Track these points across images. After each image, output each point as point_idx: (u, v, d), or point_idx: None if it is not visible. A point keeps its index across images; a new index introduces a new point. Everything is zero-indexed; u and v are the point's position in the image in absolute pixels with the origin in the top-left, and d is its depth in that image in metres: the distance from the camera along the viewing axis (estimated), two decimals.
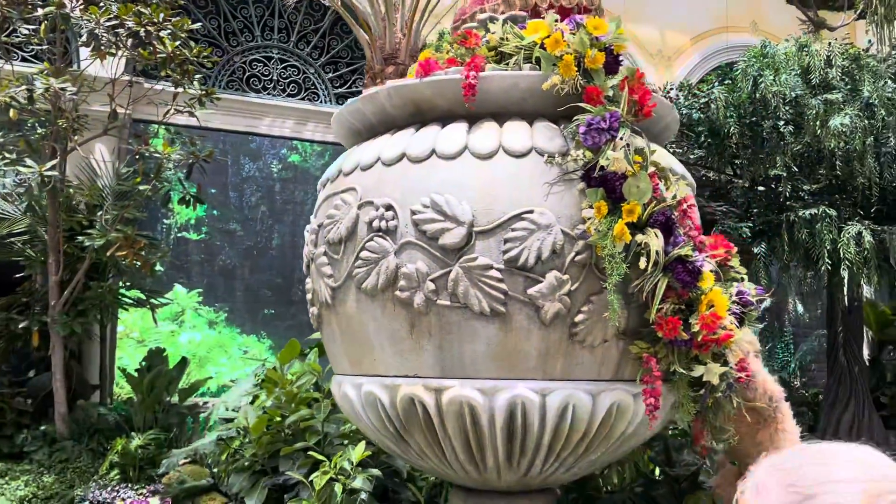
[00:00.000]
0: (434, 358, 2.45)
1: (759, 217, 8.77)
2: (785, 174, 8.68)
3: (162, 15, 6.64)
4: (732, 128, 8.59)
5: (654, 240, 2.27)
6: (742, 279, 2.76)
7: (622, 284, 2.40)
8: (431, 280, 2.40)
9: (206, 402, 7.62)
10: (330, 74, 9.79)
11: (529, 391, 2.39)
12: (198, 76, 7.28)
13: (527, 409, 2.40)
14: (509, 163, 2.43)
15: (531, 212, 2.36)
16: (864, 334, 13.53)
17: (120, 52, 6.83)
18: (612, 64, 2.45)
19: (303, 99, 9.59)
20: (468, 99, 2.47)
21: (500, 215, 2.38)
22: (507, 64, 2.58)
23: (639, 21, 12.10)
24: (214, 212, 8.70)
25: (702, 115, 8.77)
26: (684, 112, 9.17)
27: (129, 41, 6.74)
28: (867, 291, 12.98)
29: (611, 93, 2.41)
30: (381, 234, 2.47)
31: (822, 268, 8.57)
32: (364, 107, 2.76)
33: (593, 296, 2.38)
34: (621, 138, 2.30)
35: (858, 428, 9.98)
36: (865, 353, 12.91)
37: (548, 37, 2.47)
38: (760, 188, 9.35)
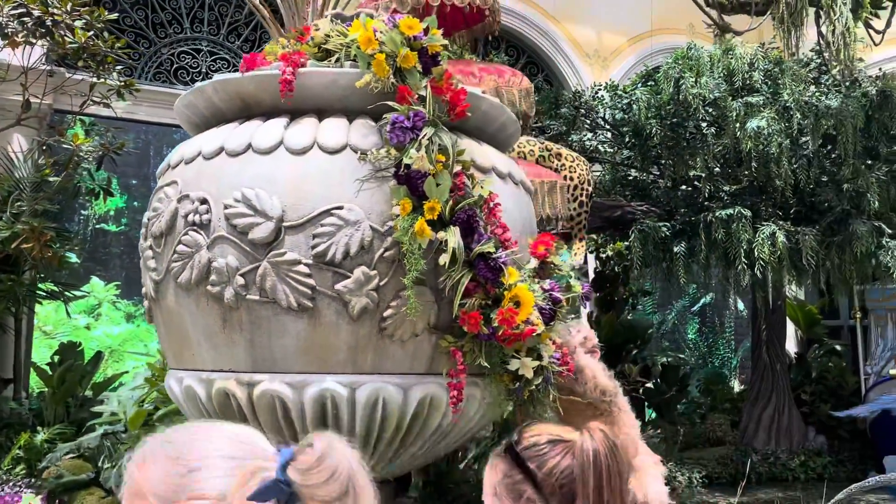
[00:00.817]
0: (246, 352, 2.47)
1: (681, 217, 8.94)
2: (704, 175, 8.87)
3: (70, 4, 6.53)
4: (654, 129, 8.74)
5: (454, 237, 2.32)
6: (569, 276, 2.82)
7: (433, 280, 2.45)
8: (241, 275, 2.42)
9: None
10: None
11: (338, 385, 2.42)
12: (119, 67, 7.19)
13: (336, 402, 2.43)
14: (323, 159, 2.46)
15: (340, 208, 2.39)
16: (791, 333, 13.86)
17: (34, 41, 6.71)
18: (429, 64, 2.49)
19: None
20: (284, 94, 2.49)
21: (310, 211, 2.41)
22: (331, 61, 2.61)
23: (576, 21, 12.22)
24: (135, 203, 8.60)
25: (624, 116, 8.91)
26: (608, 113, 9.31)
27: (38, 30, 6.63)
28: (797, 291, 13.31)
29: (424, 92, 2.45)
30: (195, 228, 2.49)
31: (739, 267, 8.78)
32: (196, 100, 2.77)
33: (403, 291, 2.42)
34: (426, 137, 2.35)
35: (778, 423, 10.24)
36: (794, 350, 13.24)
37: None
38: (689, 188, 9.54)
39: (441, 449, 2.79)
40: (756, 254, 8.35)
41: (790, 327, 13.61)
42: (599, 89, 9.58)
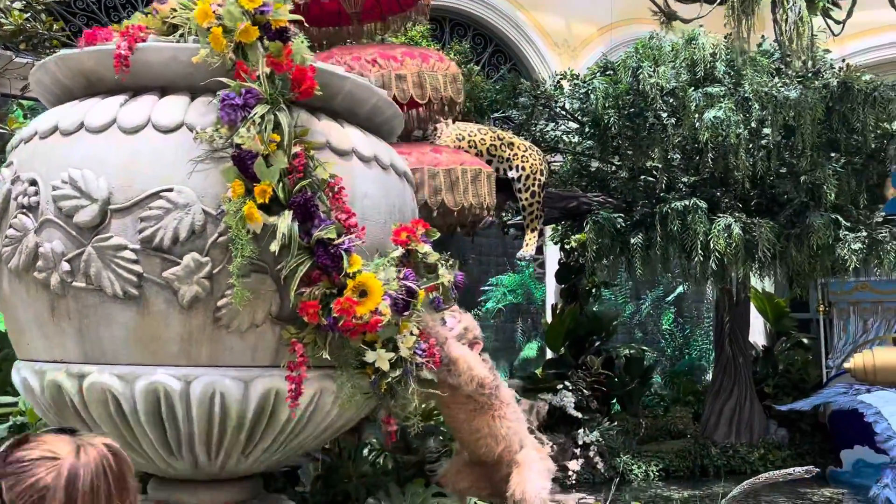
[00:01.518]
0: (75, 343, 2.34)
1: (639, 209, 8.81)
2: (661, 165, 8.75)
3: None
4: (612, 119, 8.61)
5: (286, 222, 2.19)
6: (437, 265, 2.70)
7: (275, 267, 2.32)
8: (67, 260, 2.29)
9: None
10: None
11: (170, 377, 2.29)
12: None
13: (169, 396, 2.31)
14: (157, 138, 2.33)
15: (170, 190, 2.26)
16: (760, 326, 13.79)
17: None
18: (275, 39, 2.36)
19: None
20: (119, 70, 2.35)
21: (139, 193, 2.28)
22: (176, 36, 2.47)
23: (545, 10, 12.05)
24: None
25: (582, 106, 8.78)
26: (568, 103, 9.18)
27: None
28: (766, 284, 13.22)
29: (268, 70, 2.32)
30: (24, 210, 2.36)
31: (696, 259, 8.68)
32: (43, 77, 2.63)
33: (241, 279, 2.29)
34: (258, 116, 2.21)
35: (739, 416, 10.16)
36: (762, 342, 13.17)
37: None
38: (648, 179, 9.42)
39: (304, 444, 2.66)
40: (712, 245, 8.25)
41: (760, 320, 13.54)
42: (561, 79, 9.45)
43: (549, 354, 11.56)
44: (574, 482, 8.78)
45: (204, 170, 2.29)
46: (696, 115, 8.29)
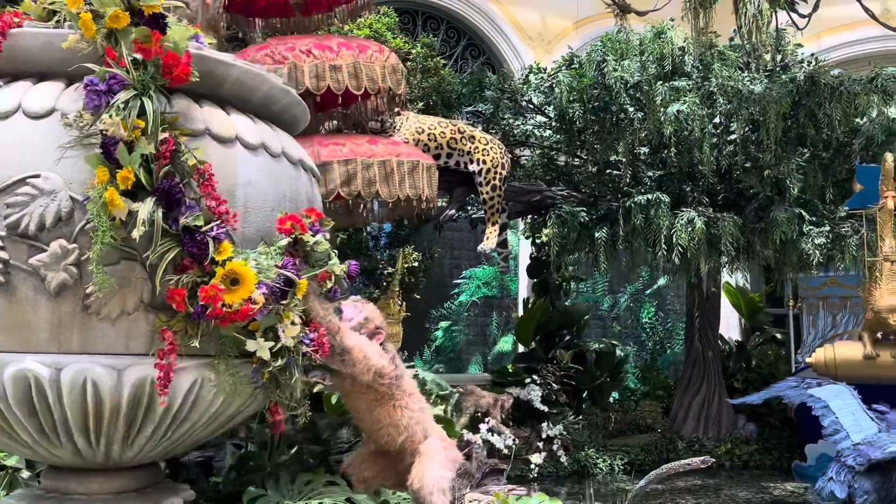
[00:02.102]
0: None
1: (605, 203, 8.80)
2: (626, 160, 8.74)
3: None
4: (577, 113, 8.60)
5: (146, 208, 2.18)
6: (329, 254, 2.69)
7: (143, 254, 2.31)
8: None
9: None
10: None
11: (39, 365, 2.28)
12: None
13: (40, 383, 2.30)
14: (27, 124, 2.32)
15: (36, 176, 2.25)
16: (735, 321, 13.80)
17: None
18: (148, 25, 2.34)
19: None
20: None
21: (5, 179, 2.27)
22: (54, 22, 2.46)
23: (519, 4, 12.03)
24: None
25: (546, 99, 8.77)
26: (534, 97, 9.16)
27: None
28: (740, 279, 13.23)
29: (139, 56, 2.30)
30: None
31: (659, 253, 8.68)
32: None
33: (108, 266, 2.28)
34: (121, 101, 2.20)
35: (707, 411, 10.18)
36: (737, 337, 13.18)
37: None
38: (615, 172, 9.41)
39: (195, 434, 2.64)
40: (675, 239, 8.25)
41: (735, 315, 13.56)
42: (528, 73, 9.43)
43: (521, 349, 11.58)
44: (536, 475, 8.79)
45: (74, 156, 2.28)
46: (662, 109, 8.28)
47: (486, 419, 8.82)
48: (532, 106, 9.04)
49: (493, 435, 8.61)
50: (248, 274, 2.31)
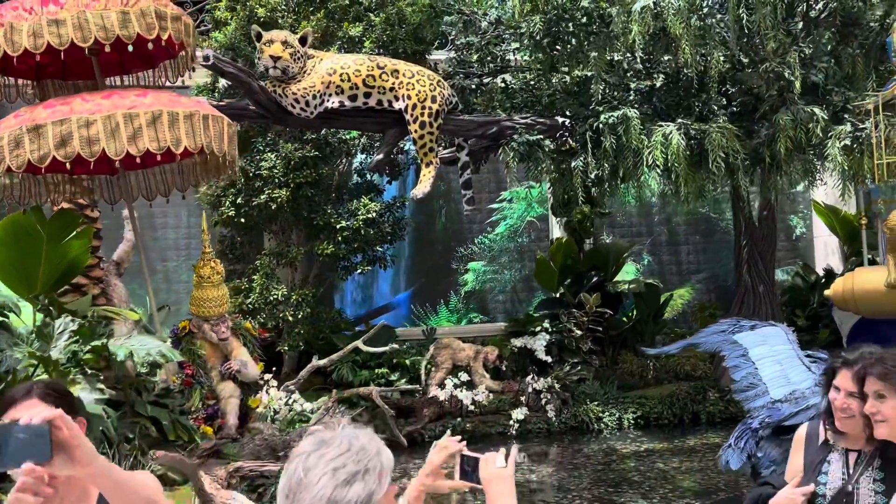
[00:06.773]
0: None
1: (578, 127, 7.70)
2: (595, 74, 7.55)
3: None
4: (536, 26, 7.57)
5: None
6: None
7: None
8: None
9: None
10: None
11: None
12: None
13: None
14: None
15: None
16: (835, 245, 11.75)
17: None
18: None
19: None
20: None
21: None
22: None
23: None
24: None
25: (499, 15, 7.81)
26: (490, 13, 8.19)
27: None
28: (828, 195, 11.15)
29: None
30: None
31: (643, 177, 7.54)
32: None
33: None
34: None
35: None
36: (836, 265, 11.24)
37: None
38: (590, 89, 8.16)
39: None
40: (647, 160, 7.07)
41: (833, 240, 11.52)
42: None
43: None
44: (515, 432, 8.05)
45: None
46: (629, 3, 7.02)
47: (460, 374, 8.26)
48: (492, 25, 8.08)
49: (461, 390, 8.04)
50: None
